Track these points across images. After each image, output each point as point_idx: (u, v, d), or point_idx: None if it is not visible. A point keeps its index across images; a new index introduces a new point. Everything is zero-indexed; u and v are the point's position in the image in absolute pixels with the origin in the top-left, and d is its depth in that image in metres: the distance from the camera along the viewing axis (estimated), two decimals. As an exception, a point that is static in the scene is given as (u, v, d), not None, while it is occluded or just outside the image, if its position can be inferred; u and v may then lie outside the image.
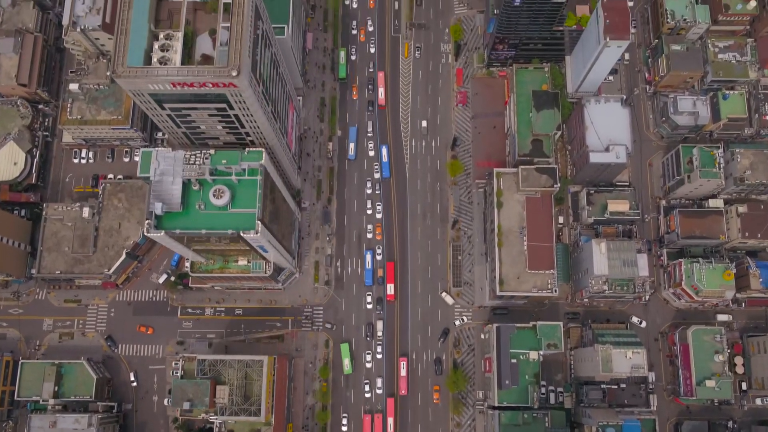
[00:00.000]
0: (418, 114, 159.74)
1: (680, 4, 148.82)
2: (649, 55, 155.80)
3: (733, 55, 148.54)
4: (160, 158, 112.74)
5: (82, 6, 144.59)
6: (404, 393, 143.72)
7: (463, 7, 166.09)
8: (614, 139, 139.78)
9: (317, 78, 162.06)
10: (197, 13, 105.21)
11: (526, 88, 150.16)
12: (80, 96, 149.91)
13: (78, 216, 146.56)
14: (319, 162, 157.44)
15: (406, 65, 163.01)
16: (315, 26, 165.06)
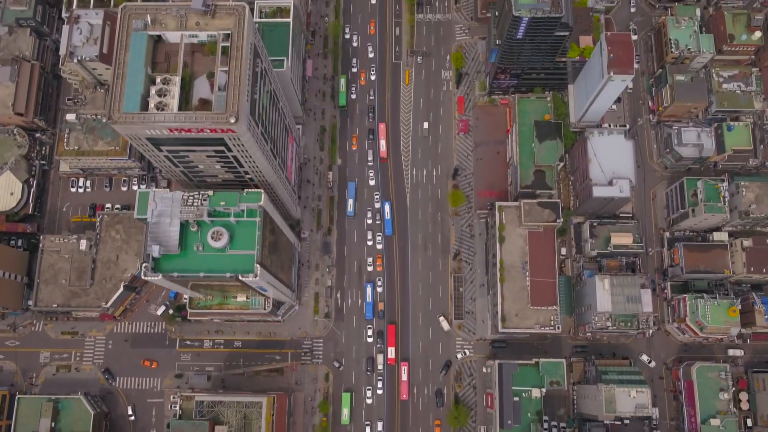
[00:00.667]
0: (418, 142, 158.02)
1: (684, 33, 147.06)
2: (653, 83, 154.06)
3: (737, 85, 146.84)
4: (157, 199, 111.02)
5: (79, 36, 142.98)
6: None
7: (464, 33, 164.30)
8: (618, 172, 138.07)
9: (317, 106, 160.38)
10: (195, 56, 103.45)
11: (529, 117, 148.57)
12: (77, 126, 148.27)
13: (75, 248, 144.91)
14: (319, 191, 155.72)
15: (407, 92, 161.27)
16: (315, 53, 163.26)
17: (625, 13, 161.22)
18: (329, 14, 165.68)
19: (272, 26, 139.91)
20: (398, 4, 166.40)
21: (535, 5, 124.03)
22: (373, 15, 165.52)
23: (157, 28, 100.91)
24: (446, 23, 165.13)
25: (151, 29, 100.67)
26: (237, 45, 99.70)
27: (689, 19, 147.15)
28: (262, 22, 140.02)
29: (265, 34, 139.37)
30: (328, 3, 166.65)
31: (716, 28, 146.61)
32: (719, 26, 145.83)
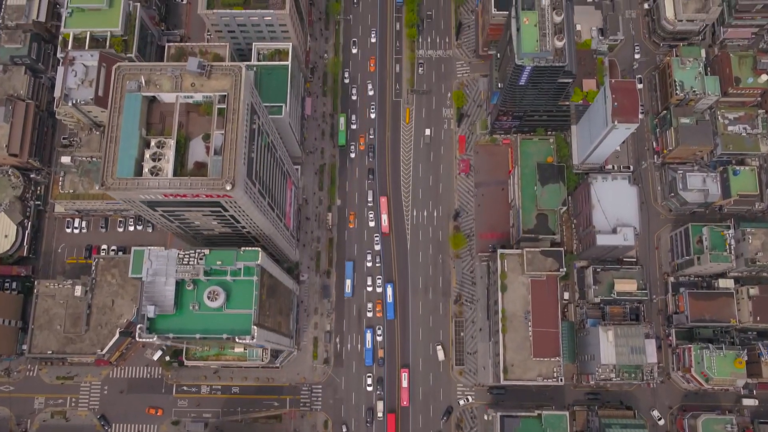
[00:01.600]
0: (419, 182, 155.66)
1: (689, 74, 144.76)
2: (657, 124, 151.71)
3: (743, 127, 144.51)
4: (152, 258, 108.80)
5: (74, 79, 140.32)
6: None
7: (465, 70, 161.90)
8: (622, 219, 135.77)
9: (316, 144, 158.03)
10: (190, 116, 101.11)
11: (531, 159, 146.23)
12: (72, 168, 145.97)
13: (70, 294, 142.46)
14: (318, 232, 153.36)
15: (407, 131, 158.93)
16: (314, 90, 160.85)
17: (628, 51, 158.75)
18: (328, 50, 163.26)
19: (270, 69, 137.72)
20: (398, 41, 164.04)
21: (537, 54, 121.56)
22: (373, 52, 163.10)
23: (151, 89, 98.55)
24: (447, 60, 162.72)
25: (145, 90, 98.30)
26: (233, 107, 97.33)
27: (694, 60, 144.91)
28: (260, 65, 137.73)
29: (263, 77, 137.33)
30: (328, 39, 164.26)
31: (721, 70, 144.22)
32: (725, 68, 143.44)
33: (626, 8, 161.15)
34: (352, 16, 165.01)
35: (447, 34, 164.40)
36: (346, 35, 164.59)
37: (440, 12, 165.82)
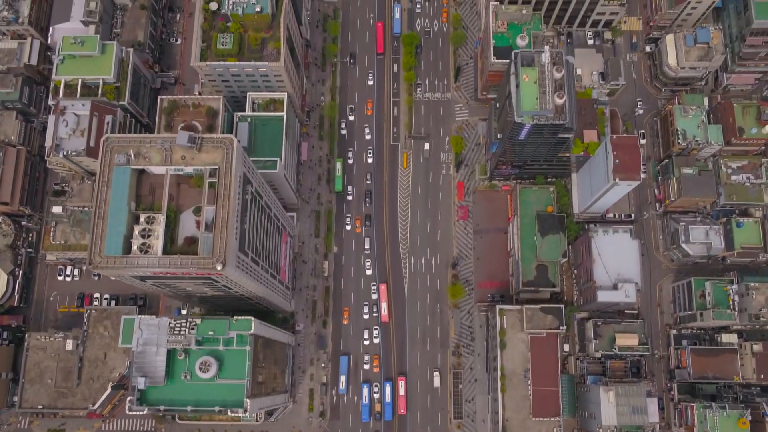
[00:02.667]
0: (417, 229, 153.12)
1: (692, 123, 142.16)
2: (659, 171, 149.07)
3: (746, 176, 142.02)
4: (143, 326, 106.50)
5: (65, 129, 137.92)
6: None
7: (464, 113, 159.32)
8: (623, 274, 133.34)
9: (313, 190, 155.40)
10: (181, 188, 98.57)
11: (530, 208, 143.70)
12: (64, 218, 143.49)
13: (61, 347, 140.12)
14: (314, 281, 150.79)
15: (405, 176, 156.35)
16: (310, 133, 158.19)
17: (630, 95, 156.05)
18: (325, 93, 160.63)
19: (265, 120, 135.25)
20: (396, 83, 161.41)
21: (537, 113, 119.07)
22: (370, 95, 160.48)
23: (140, 163, 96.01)
24: (445, 102, 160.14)
25: (134, 164, 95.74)
26: (224, 182, 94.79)
27: (697, 108, 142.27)
28: (254, 116, 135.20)
29: (258, 128, 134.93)
30: (324, 81, 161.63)
31: (724, 119, 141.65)
32: (728, 117, 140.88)
33: (627, 51, 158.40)
34: (348, 60, 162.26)
35: (446, 76, 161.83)
36: (342, 77, 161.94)
37: (438, 54, 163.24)
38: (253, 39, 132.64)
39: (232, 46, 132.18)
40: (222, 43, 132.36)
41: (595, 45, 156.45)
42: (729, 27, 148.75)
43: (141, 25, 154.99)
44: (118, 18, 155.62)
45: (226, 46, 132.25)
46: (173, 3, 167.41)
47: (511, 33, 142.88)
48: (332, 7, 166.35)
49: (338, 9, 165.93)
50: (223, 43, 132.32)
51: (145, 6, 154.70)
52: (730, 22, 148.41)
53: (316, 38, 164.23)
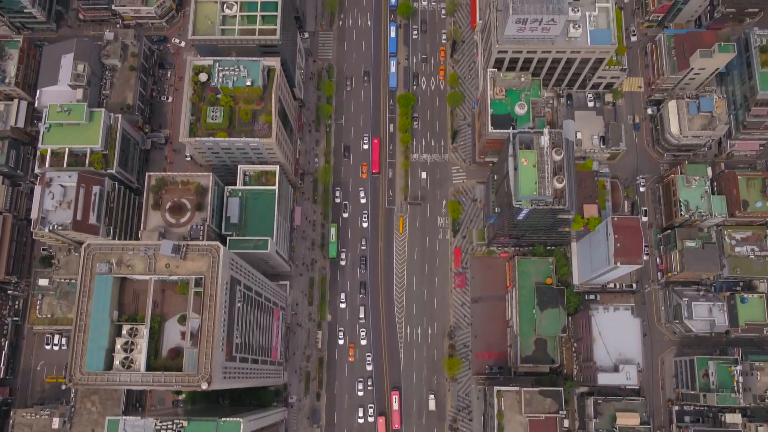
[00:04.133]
0: (413, 296, 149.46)
1: (695, 193, 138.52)
2: (661, 240, 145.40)
3: (751, 248, 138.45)
4: (128, 428, 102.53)
5: (51, 201, 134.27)
6: None
7: (461, 175, 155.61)
8: (624, 354, 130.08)
9: (306, 255, 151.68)
10: (165, 294, 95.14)
11: (529, 280, 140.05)
12: (50, 291, 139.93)
13: (47, 424, 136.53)
14: (308, 351, 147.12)
15: (401, 241, 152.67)
16: (304, 195, 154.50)
17: (631, 159, 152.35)
18: (319, 155, 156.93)
19: (256, 194, 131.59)
20: (392, 144, 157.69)
21: (536, 198, 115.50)
22: (366, 157, 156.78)
23: (123, 271, 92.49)
24: (442, 164, 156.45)
25: (116, 272, 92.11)
26: (210, 292, 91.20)
27: (700, 178, 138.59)
28: (245, 189, 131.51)
29: (249, 202, 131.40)
30: (318, 142, 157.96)
31: (728, 190, 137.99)
32: (732, 189, 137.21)
33: (628, 113, 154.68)
34: (344, 120, 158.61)
35: (443, 137, 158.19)
36: (337, 138, 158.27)
37: (435, 113, 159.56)
38: (243, 113, 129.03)
39: (222, 120, 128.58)
40: (212, 117, 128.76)
41: (596, 107, 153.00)
42: (733, 93, 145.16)
43: (130, 86, 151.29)
44: (107, 79, 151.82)
45: (216, 120, 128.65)
46: (164, 59, 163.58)
47: (509, 100, 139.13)
48: (327, 63, 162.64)
49: (333, 66, 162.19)
50: (213, 117, 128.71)
51: (135, 67, 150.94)
52: (734, 88, 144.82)
53: (310, 96, 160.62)
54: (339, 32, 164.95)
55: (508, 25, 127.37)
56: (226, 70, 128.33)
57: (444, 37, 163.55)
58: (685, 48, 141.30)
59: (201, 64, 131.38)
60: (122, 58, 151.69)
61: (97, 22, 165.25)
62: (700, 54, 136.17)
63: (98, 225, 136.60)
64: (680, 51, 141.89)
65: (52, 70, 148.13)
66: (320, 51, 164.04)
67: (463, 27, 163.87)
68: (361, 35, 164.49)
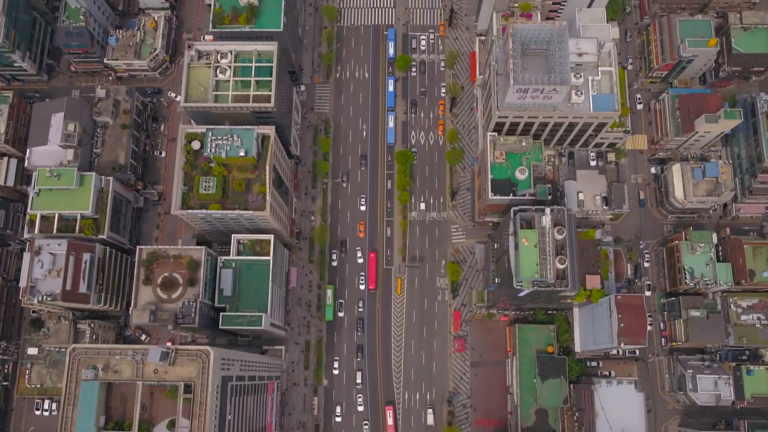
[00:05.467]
0: (411, 361, 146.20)
1: (699, 260, 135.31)
2: (665, 306, 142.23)
3: (757, 317, 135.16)
4: None
5: (40, 270, 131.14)
6: None
7: (461, 234, 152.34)
8: (627, 429, 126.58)
9: (302, 318, 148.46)
10: (154, 397, 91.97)
11: (530, 347, 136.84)
12: (40, 359, 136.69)
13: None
14: (303, 417, 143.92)
15: (399, 303, 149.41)
16: (300, 255, 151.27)
17: (634, 219, 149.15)
18: (315, 213, 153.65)
19: (250, 264, 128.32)
20: (390, 201, 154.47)
21: (537, 280, 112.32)
22: (363, 217, 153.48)
23: (110, 376, 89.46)
24: (441, 223, 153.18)
25: (103, 378, 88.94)
26: (200, 399, 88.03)
27: (705, 245, 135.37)
28: (239, 260, 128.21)
29: (242, 272, 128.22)
30: (315, 199, 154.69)
31: (734, 258, 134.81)
32: (738, 257, 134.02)
33: (632, 172, 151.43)
34: (341, 177, 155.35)
35: (441, 194, 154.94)
36: (334, 195, 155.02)
37: (434, 169, 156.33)
38: (237, 184, 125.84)
39: (216, 190, 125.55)
40: (205, 187, 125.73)
41: (598, 166, 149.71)
42: (738, 156, 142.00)
43: (122, 144, 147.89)
44: (99, 137, 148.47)
45: (209, 190, 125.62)
46: (157, 112, 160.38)
47: (510, 164, 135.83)
48: (324, 117, 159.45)
49: (330, 120, 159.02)
50: (206, 187, 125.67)
51: (126, 125, 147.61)
52: (740, 150, 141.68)
53: (306, 152, 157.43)
54: (336, 85, 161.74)
55: (508, 94, 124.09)
56: (219, 140, 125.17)
57: (443, 90, 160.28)
58: (690, 110, 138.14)
59: (194, 131, 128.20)
60: (114, 115, 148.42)
61: (89, 73, 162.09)
62: (705, 119, 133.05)
63: (89, 293, 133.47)
64: (685, 113, 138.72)
65: (42, 128, 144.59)
66: (317, 104, 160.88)
67: (462, 79, 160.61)
68: (358, 88, 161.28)
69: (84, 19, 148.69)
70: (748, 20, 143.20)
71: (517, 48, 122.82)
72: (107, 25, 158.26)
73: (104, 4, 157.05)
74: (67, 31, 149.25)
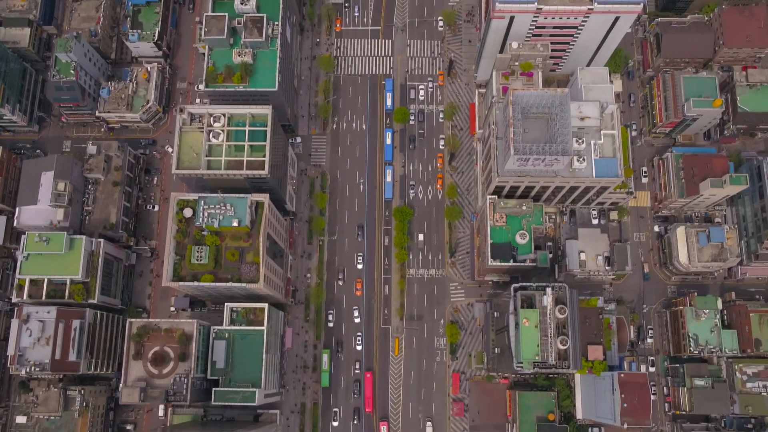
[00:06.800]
0: (409, 425, 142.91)
1: (704, 327, 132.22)
2: (669, 371, 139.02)
3: (763, 384, 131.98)
4: None
5: (29, 339, 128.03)
6: None
7: (460, 293, 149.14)
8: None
9: (297, 379, 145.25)
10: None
11: (530, 414, 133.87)
12: (28, 428, 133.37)
13: None
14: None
15: (397, 363, 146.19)
16: (296, 314, 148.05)
17: (636, 280, 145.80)
18: (311, 271, 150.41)
19: (244, 334, 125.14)
20: (387, 258, 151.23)
21: (539, 362, 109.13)
22: (360, 274, 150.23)
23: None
24: (440, 281, 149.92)
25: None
26: None
27: (710, 311, 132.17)
28: (232, 330, 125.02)
29: (236, 342, 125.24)
30: (311, 256, 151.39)
31: (740, 325, 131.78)
32: (743, 325, 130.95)
33: (634, 230, 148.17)
34: (337, 234, 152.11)
35: (440, 251, 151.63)
36: (330, 253, 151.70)
37: (433, 224, 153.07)
38: (230, 254, 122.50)
39: (208, 261, 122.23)
40: (197, 257, 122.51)
41: (600, 224, 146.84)
42: (744, 219, 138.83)
43: (114, 201, 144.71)
44: (90, 194, 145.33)
45: (201, 260, 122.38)
46: (150, 165, 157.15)
47: (510, 227, 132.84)
48: (320, 170, 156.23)
49: (326, 174, 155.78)
50: (198, 258, 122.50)
51: (118, 182, 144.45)
52: (745, 212, 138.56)
53: (302, 206, 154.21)
54: (333, 136, 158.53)
55: (509, 162, 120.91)
56: (211, 209, 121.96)
57: (442, 142, 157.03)
58: (695, 172, 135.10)
59: (186, 198, 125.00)
60: (105, 171, 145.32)
61: (81, 123, 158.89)
62: (711, 183, 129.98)
63: (79, 361, 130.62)
64: (689, 175, 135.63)
65: (32, 186, 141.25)
66: (313, 156, 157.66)
67: (462, 132, 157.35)
68: (356, 139, 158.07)
69: (74, 73, 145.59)
70: (754, 78, 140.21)
71: (518, 114, 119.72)
72: (99, 76, 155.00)
73: (96, 54, 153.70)
74: (58, 85, 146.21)
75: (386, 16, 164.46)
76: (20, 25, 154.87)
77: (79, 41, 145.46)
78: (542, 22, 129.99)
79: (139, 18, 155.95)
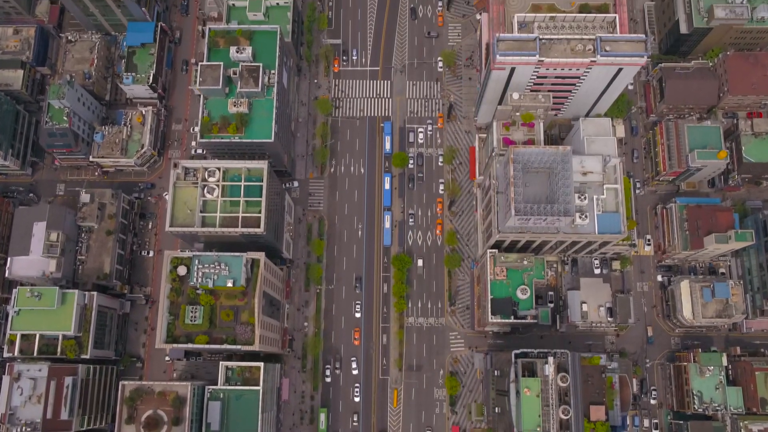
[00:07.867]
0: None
1: (708, 384, 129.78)
2: (672, 426, 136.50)
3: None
4: None
5: (20, 397, 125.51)
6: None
7: (459, 342, 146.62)
8: None
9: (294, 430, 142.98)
10: None
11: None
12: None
13: None
14: None
15: (395, 416, 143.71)
16: (292, 364, 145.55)
17: (639, 331, 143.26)
18: (309, 319, 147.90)
19: (239, 394, 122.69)
20: (386, 306, 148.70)
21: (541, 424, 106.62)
22: (358, 324, 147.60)
23: None
24: (439, 329, 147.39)
25: None
26: None
27: (714, 368, 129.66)
28: (227, 390, 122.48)
29: (231, 403, 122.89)
30: (308, 303, 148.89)
31: (745, 383, 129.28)
32: (749, 383, 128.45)
33: (637, 280, 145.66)
34: (334, 285, 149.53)
35: (440, 299, 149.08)
36: (328, 300, 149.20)
37: (432, 272, 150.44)
38: (225, 314, 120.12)
39: (202, 321, 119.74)
40: (191, 318, 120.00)
41: (603, 274, 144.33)
42: (749, 272, 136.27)
43: (108, 250, 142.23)
44: (83, 242, 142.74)
45: (195, 321, 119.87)
46: (145, 209, 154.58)
47: (511, 281, 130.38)
48: (318, 215, 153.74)
49: (324, 219, 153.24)
50: (192, 318, 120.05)
51: (112, 231, 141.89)
52: (751, 265, 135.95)
53: (299, 252, 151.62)
54: (330, 180, 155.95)
55: (509, 220, 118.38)
56: (206, 268, 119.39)
57: (441, 187, 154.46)
58: (699, 225, 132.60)
59: (179, 256, 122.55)
60: (99, 219, 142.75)
61: (75, 167, 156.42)
62: (715, 239, 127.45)
63: (71, 419, 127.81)
64: (694, 227, 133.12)
65: (24, 236, 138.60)
66: (311, 200, 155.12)
67: (462, 176, 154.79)
68: (354, 184, 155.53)
69: (68, 120, 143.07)
70: (759, 128, 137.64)
71: (519, 173, 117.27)
72: (93, 119, 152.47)
73: (90, 98, 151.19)
74: (51, 132, 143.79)
75: (385, 56, 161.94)
76: (13, 66, 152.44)
77: (72, 86, 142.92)
78: (544, 73, 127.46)
79: (134, 59, 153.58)
